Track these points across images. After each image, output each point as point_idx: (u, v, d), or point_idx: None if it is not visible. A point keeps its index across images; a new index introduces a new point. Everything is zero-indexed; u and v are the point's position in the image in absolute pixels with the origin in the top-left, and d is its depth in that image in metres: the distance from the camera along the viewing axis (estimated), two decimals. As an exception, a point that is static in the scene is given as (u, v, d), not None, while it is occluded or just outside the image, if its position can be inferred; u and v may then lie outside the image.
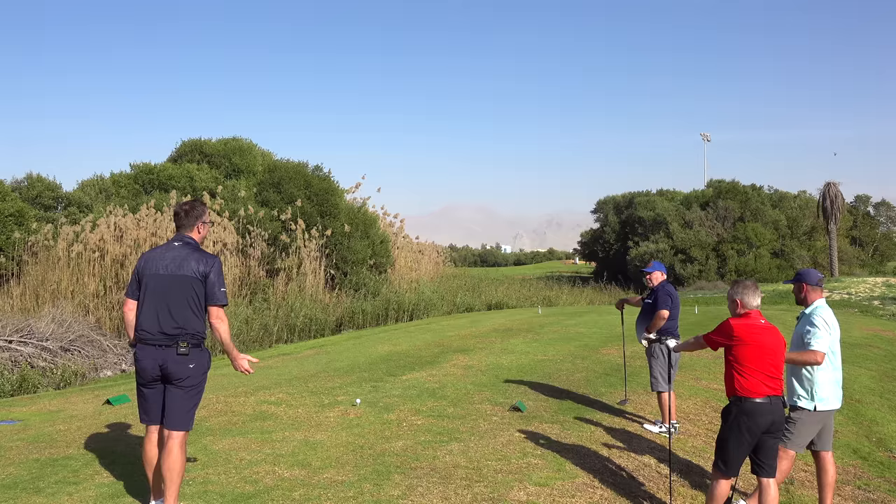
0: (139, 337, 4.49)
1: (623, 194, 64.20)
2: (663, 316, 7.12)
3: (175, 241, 4.63)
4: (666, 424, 7.17)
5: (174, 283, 4.47)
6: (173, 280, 4.47)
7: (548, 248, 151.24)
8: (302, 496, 5.08)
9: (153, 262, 4.55)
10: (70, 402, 8.74)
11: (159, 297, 4.46)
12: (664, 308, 7.13)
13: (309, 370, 10.52)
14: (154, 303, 4.46)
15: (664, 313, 7.11)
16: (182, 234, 4.67)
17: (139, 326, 4.48)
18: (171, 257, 4.53)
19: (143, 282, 4.54)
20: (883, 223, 62.63)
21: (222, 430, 6.82)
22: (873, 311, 25.38)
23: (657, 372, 7.26)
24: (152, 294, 4.48)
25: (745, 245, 47.52)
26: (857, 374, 11.21)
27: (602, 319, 17.73)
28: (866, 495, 6.29)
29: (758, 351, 4.73)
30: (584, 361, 10.90)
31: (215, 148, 28.90)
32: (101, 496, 5.02)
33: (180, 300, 4.44)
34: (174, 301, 4.44)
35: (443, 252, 38.81)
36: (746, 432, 4.71)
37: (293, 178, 25.50)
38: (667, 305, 7.13)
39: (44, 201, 23.28)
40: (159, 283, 4.48)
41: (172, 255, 4.53)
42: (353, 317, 20.70)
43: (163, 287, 4.47)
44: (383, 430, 6.83)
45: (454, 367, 10.35)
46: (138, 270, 4.58)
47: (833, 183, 47.06)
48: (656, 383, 7.29)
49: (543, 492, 5.34)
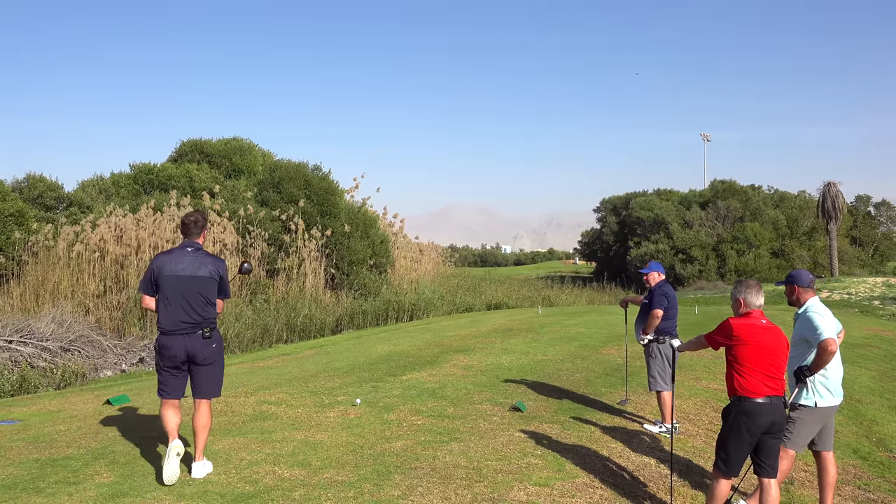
0: (164, 329, 5.37)
1: (621, 195, 64.20)
2: (657, 315, 7.17)
3: (187, 247, 5.56)
4: (666, 424, 7.19)
5: (194, 282, 5.42)
6: (193, 280, 5.42)
7: (548, 249, 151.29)
8: (302, 496, 5.08)
9: (171, 264, 5.43)
10: (70, 402, 8.74)
11: (182, 295, 5.37)
12: (658, 308, 7.18)
13: (309, 370, 10.52)
14: (178, 299, 5.36)
15: (658, 313, 7.17)
16: (192, 241, 5.61)
17: (164, 320, 5.37)
18: (189, 261, 5.47)
19: (162, 281, 5.40)
20: (883, 223, 62.60)
21: (222, 430, 6.83)
22: (873, 311, 25.38)
23: (655, 371, 7.29)
24: (175, 292, 5.37)
25: (745, 245, 47.53)
26: (857, 374, 11.22)
27: (602, 319, 17.74)
28: (866, 495, 6.29)
29: (758, 351, 4.73)
30: (584, 361, 10.90)
31: (215, 148, 28.90)
32: (101, 496, 5.02)
33: (201, 296, 5.42)
34: (195, 297, 5.40)
35: (443, 252, 38.80)
36: (746, 432, 4.71)
37: (293, 177, 25.49)
38: (661, 305, 7.17)
39: (45, 201, 23.28)
40: (182, 283, 5.39)
41: (189, 260, 5.48)
42: (353, 317, 20.69)
43: (185, 286, 5.39)
44: (383, 431, 6.83)
45: (454, 367, 10.35)
46: (154, 271, 5.42)
47: (833, 183, 47.07)
48: (654, 383, 7.30)
49: (543, 492, 5.34)
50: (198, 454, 5.52)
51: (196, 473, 5.45)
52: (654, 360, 7.31)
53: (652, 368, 7.33)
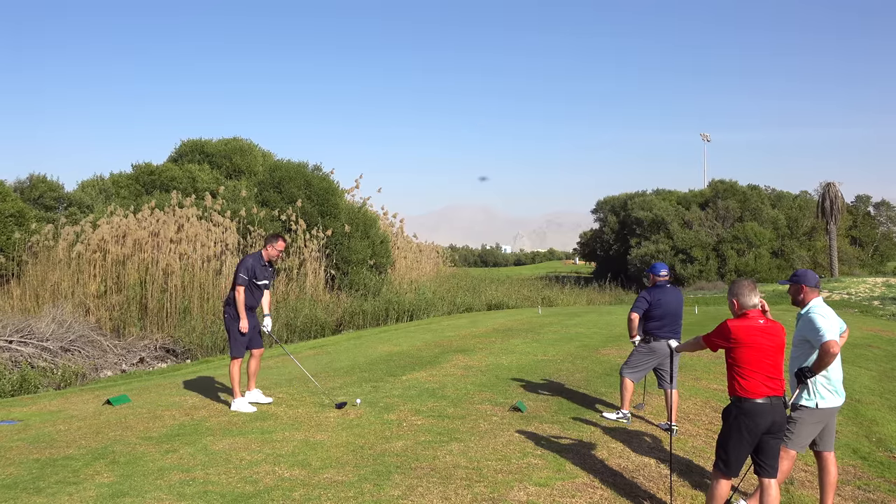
0: (250, 306, 7.66)
1: (618, 195, 64.13)
2: (630, 318, 7.50)
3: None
4: (623, 410, 7.49)
5: None
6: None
7: (548, 249, 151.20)
8: (302, 496, 5.08)
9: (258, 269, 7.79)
10: (70, 402, 8.74)
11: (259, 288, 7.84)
12: (631, 311, 7.51)
13: (309, 370, 10.52)
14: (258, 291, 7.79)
15: (632, 315, 7.48)
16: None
17: (250, 303, 7.67)
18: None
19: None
20: (883, 223, 62.54)
21: (222, 430, 6.83)
22: (873, 311, 25.38)
23: (630, 359, 7.61)
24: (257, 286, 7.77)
25: (745, 245, 47.52)
26: (857, 374, 11.21)
27: (602, 319, 17.74)
28: (866, 495, 6.29)
29: (757, 352, 4.72)
30: (584, 361, 10.90)
31: (216, 148, 28.90)
32: (101, 496, 5.03)
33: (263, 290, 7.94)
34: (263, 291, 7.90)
35: (443, 252, 38.79)
36: (747, 433, 4.71)
37: (294, 178, 25.49)
38: (634, 309, 7.48)
39: (46, 202, 23.28)
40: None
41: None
42: (353, 317, 20.69)
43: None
44: (383, 431, 6.83)
45: (454, 367, 10.35)
46: (248, 269, 7.63)
47: (833, 183, 47.07)
48: (624, 367, 7.62)
49: (543, 492, 5.34)
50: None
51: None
52: (635, 352, 7.63)
53: (629, 357, 7.70)
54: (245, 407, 7.62)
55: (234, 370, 7.65)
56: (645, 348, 7.47)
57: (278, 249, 7.82)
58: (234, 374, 7.66)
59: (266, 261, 7.83)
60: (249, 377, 7.93)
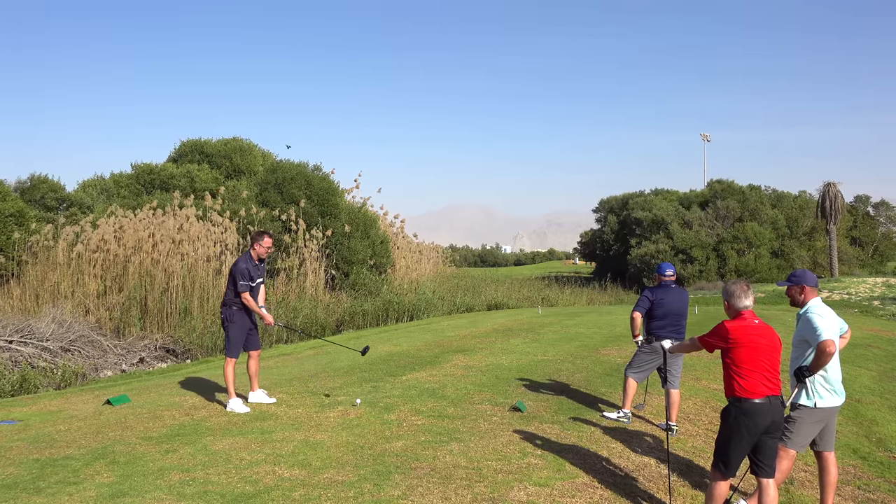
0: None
1: (619, 195, 64.13)
2: (632, 317, 7.51)
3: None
4: (624, 410, 7.49)
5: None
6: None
7: (548, 249, 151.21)
8: (302, 496, 5.08)
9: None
10: (70, 402, 8.74)
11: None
12: (634, 310, 7.52)
13: (309, 370, 10.52)
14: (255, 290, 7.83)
15: (633, 315, 7.50)
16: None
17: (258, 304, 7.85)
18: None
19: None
20: (883, 223, 62.53)
21: (222, 430, 6.83)
22: (873, 311, 25.38)
23: (634, 359, 7.64)
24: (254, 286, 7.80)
25: (745, 245, 47.52)
26: (857, 374, 11.22)
27: (602, 320, 17.74)
28: (866, 495, 6.29)
29: (754, 352, 4.74)
30: (584, 361, 10.90)
31: (215, 148, 28.89)
32: (101, 496, 5.03)
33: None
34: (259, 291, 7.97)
35: (443, 252, 38.79)
36: (746, 433, 4.72)
37: (294, 178, 25.48)
38: (636, 308, 7.50)
39: (47, 202, 23.27)
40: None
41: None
42: (353, 317, 20.69)
43: None
44: (383, 431, 6.83)
45: (454, 367, 10.35)
46: (245, 274, 7.60)
47: (833, 183, 47.06)
48: (628, 367, 7.66)
49: (543, 492, 5.34)
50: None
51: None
52: (638, 352, 7.65)
53: (633, 357, 7.74)
54: (240, 407, 7.64)
55: (228, 370, 7.68)
56: (647, 348, 7.46)
57: (266, 246, 7.77)
58: (228, 374, 7.69)
59: (257, 259, 7.83)
60: (251, 378, 7.96)
